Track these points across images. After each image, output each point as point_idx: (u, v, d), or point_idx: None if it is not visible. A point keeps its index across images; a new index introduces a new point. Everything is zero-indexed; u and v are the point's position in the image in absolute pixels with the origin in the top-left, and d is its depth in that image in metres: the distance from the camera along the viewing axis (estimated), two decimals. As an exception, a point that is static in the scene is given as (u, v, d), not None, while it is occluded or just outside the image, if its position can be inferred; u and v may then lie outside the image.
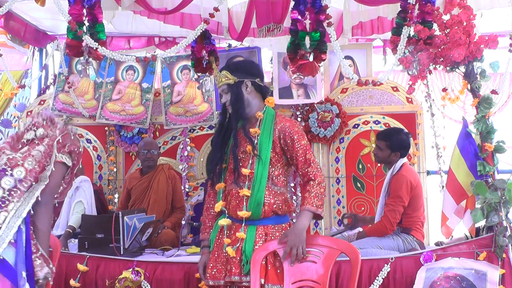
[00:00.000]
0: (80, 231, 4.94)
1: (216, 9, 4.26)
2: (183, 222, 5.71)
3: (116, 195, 6.45)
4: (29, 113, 6.49)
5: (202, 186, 6.17)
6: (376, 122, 6.15)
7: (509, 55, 4.49)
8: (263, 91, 3.65)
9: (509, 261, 4.04)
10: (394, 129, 5.53)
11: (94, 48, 4.28)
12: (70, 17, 4.24)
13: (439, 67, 4.21)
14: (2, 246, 2.83)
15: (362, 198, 6.16)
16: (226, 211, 3.59)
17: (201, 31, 4.29)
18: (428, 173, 6.22)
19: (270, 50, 6.08)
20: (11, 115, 7.36)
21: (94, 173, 6.47)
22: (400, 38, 4.15)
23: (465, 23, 4.02)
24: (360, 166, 6.17)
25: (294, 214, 4.80)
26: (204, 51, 4.60)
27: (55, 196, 3.15)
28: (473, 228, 4.50)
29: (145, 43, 6.77)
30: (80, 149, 3.27)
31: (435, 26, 4.13)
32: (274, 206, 3.52)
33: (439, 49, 4.06)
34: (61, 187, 3.19)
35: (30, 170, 3.03)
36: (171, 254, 4.67)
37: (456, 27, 3.99)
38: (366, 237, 4.61)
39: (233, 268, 3.45)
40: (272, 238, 3.52)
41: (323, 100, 6.17)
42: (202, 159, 6.40)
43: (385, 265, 4.11)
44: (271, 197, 3.52)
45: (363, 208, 6.13)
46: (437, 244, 4.99)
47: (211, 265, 3.55)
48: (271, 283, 3.44)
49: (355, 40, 6.56)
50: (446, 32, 4.06)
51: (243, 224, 3.51)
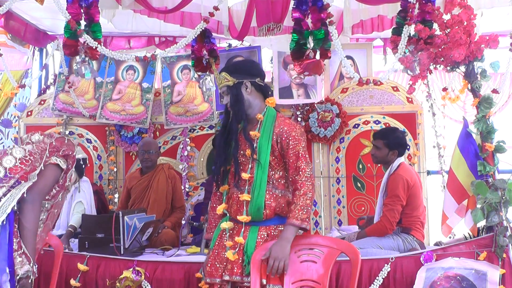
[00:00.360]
0: (81, 231, 4.94)
1: (216, 8, 4.25)
2: (183, 222, 5.70)
3: (117, 195, 6.45)
4: (30, 113, 6.49)
5: (202, 186, 6.17)
6: (377, 122, 6.15)
7: (510, 55, 4.48)
8: (264, 91, 3.61)
9: (510, 261, 4.04)
10: (390, 128, 5.55)
11: (94, 47, 4.28)
12: (70, 16, 4.24)
13: (440, 67, 4.21)
14: None
15: (362, 198, 6.15)
16: (228, 214, 3.58)
17: (201, 30, 4.29)
18: (429, 173, 6.21)
19: (270, 49, 6.07)
20: (12, 115, 7.35)
21: (95, 173, 6.47)
22: (401, 38, 4.16)
23: (466, 23, 4.02)
24: (361, 166, 6.16)
25: None
26: (204, 50, 4.60)
27: (47, 198, 3.15)
28: (475, 228, 4.50)
29: (145, 43, 6.77)
30: (75, 153, 3.28)
31: (436, 26, 4.13)
32: (277, 209, 3.50)
33: (440, 49, 4.06)
34: (54, 190, 3.19)
35: (10, 169, 3.02)
36: (171, 254, 4.67)
37: (457, 27, 3.99)
38: (366, 237, 4.60)
39: (235, 268, 3.44)
40: (275, 238, 3.49)
41: (323, 100, 6.17)
42: (202, 159, 6.40)
43: (385, 265, 4.11)
44: (272, 201, 3.49)
45: (363, 208, 6.13)
46: (437, 244, 4.99)
47: (210, 264, 3.55)
48: (272, 283, 3.44)
49: (355, 40, 6.56)
50: (447, 32, 4.06)
51: (243, 228, 3.50)
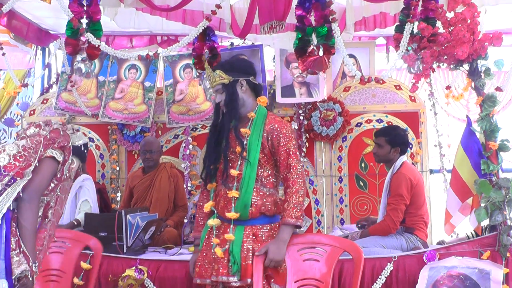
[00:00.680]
0: (83, 229, 4.94)
1: (218, 6, 4.25)
2: (186, 221, 5.70)
3: (119, 194, 6.45)
4: (32, 112, 6.49)
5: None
6: (379, 121, 6.13)
7: (514, 53, 4.48)
8: (257, 90, 3.65)
9: (514, 260, 4.04)
10: (391, 126, 5.56)
11: (97, 46, 4.28)
12: (72, 14, 4.24)
13: (443, 65, 4.20)
14: None
15: (365, 197, 6.14)
16: (216, 211, 3.59)
17: (203, 28, 4.29)
18: (431, 172, 6.20)
19: (273, 48, 6.07)
20: (14, 114, 7.36)
21: (97, 172, 6.46)
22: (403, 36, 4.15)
23: (469, 21, 3.99)
24: (363, 165, 6.15)
25: None
26: (206, 48, 4.60)
27: (45, 193, 3.08)
28: (479, 227, 4.49)
29: (148, 42, 6.77)
30: (68, 145, 3.19)
31: (439, 24, 4.12)
32: (262, 208, 3.51)
33: (443, 47, 4.04)
34: (52, 184, 3.11)
35: (5, 166, 2.97)
36: (174, 253, 4.67)
37: (460, 25, 3.97)
38: (370, 236, 4.60)
39: (221, 268, 3.45)
40: (263, 238, 3.51)
41: (326, 99, 6.15)
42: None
43: (388, 264, 4.10)
44: (259, 199, 3.51)
45: (366, 207, 6.11)
46: (439, 243, 4.97)
47: (199, 264, 3.56)
48: (273, 283, 3.45)
49: (358, 38, 6.55)
50: (450, 30, 4.03)
51: (232, 225, 3.51)
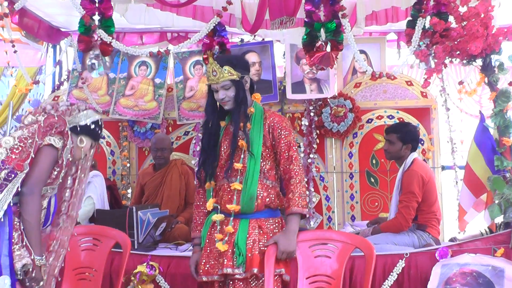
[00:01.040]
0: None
1: (229, 2, 4.25)
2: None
3: (130, 190, 6.46)
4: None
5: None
6: (390, 117, 6.11)
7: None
8: (253, 87, 3.67)
9: (528, 258, 4.00)
10: (402, 122, 5.54)
11: (108, 42, 4.29)
12: (84, 11, 4.25)
13: (456, 61, 4.17)
14: None
15: (376, 193, 6.12)
16: (219, 207, 3.57)
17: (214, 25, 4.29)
18: (443, 168, 6.17)
19: (283, 43, 6.05)
20: (26, 111, 7.38)
21: (108, 168, 6.48)
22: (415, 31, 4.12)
23: (483, 15, 3.95)
24: (374, 161, 6.13)
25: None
26: (216, 45, 4.60)
27: (48, 182, 2.99)
28: (494, 224, 4.46)
29: (158, 39, 6.77)
30: (66, 129, 3.08)
31: (451, 19, 4.08)
32: (267, 200, 3.52)
33: (456, 42, 4.01)
34: (54, 172, 3.02)
35: (3, 161, 2.88)
36: (185, 249, 4.66)
37: (473, 19, 3.93)
38: (381, 233, 4.57)
39: (225, 261, 3.44)
40: (268, 231, 3.51)
41: (336, 95, 6.13)
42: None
43: (400, 261, 4.08)
44: (264, 191, 3.52)
45: (377, 204, 6.10)
46: (451, 240, 4.94)
47: (204, 261, 3.55)
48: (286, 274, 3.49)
49: (369, 34, 6.52)
50: (463, 25, 4.00)
51: (232, 218, 3.51)
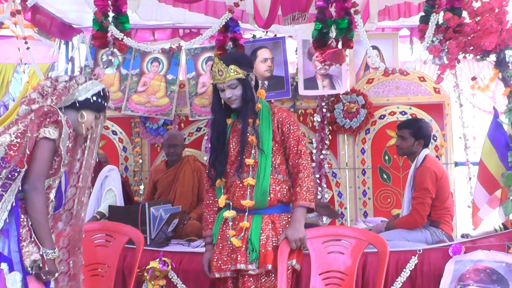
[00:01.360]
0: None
1: (242, -2, 4.25)
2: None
3: (142, 186, 6.48)
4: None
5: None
6: (403, 113, 6.09)
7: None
8: (257, 83, 3.68)
9: (542, 254, 3.97)
10: (414, 118, 5.53)
11: (120, 39, 4.29)
12: (96, 8, 4.26)
13: (469, 56, 4.14)
14: None
15: (388, 190, 6.11)
16: (231, 203, 3.58)
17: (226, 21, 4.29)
18: (456, 164, 6.14)
19: (295, 39, 6.04)
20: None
21: (120, 165, 6.50)
22: (428, 26, 4.09)
23: (497, 10, 3.91)
24: (386, 157, 6.11)
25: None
26: (229, 41, 4.60)
27: (50, 173, 2.90)
28: (509, 220, 4.43)
29: (170, 35, 6.77)
30: (59, 117, 2.92)
31: (465, 14, 4.05)
32: (279, 195, 3.54)
33: (469, 38, 3.98)
34: (55, 163, 2.92)
35: (3, 158, 2.81)
36: (197, 245, 4.67)
37: (487, 15, 3.89)
38: (395, 229, 4.55)
39: (239, 256, 3.45)
40: (280, 227, 3.52)
41: (349, 91, 6.12)
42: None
43: (413, 257, 4.06)
44: (276, 185, 3.53)
45: (389, 200, 6.08)
46: (464, 237, 4.92)
47: (216, 258, 3.56)
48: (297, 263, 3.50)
49: (381, 30, 6.49)
50: (477, 20, 3.96)
51: (246, 214, 3.51)
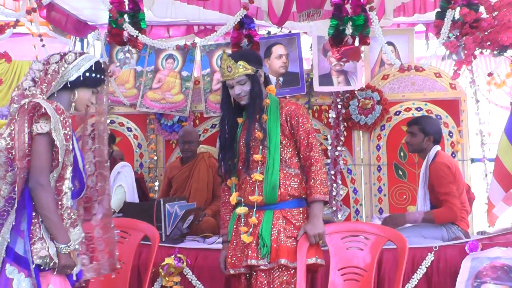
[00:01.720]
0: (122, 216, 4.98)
1: (256, -5, 4.24)
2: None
3: (157, 183, 6.50)
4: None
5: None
6: (418, 109, 6.06)
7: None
8: (267, 80, 3.68)
9: (560, 252, 3.93)
10: (423, 115, 5.50)
11: (135, 36, 4.31)
12: (111, 5, 4.27)
13: (486, 52, 4.11)
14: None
15: (404, 186, 6.08)
16: (243, 200, 3.57)
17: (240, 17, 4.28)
18: (472, 161, 6.10)
19: (310, 35, 6.02)
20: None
21: (135, 161, 6.52)
22: (444, 22, 4.07)
23: (515, 4, 3.90)
24: (402, 154, 6.09)
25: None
26: (244, 38, 4.59)
27: (54, 164, 2.82)
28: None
29: (184, 32, 6.78)
30: (43, 110, 2.79)
31: (482, 9, 4.02)
32: (290, 188, 3.51)
33: (486, 33, 3.95)
34: (56, 154, 2.82)
35: (5, 163, 2.80)
36: (212, 242, 4.67)
37: (505, 9, 3.86)
38: (410, 226, 4.53)
39: (250, 252, 3.45)
40: (293, 221, 3.50)
41: (364, 87, 6.09)
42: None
43: (429, 254, 4.04)
44: (286, 179, 3.51)
45: (405, 196, 6.06)
46: (480, 234, 4.89)
47: (231, 255, 3.56)
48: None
49: (397, 25, 6.46)
50: (494, 15, 3.94)
51: (255, 209, 3.50)
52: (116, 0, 4.25)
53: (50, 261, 2.76)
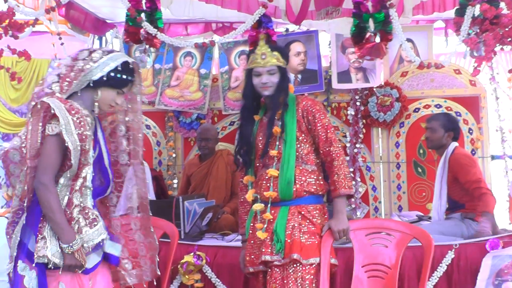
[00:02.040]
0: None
1: (274, -6, 4.23)
2: (242, 208, 5.71)
3: (175, 181, 6.51)
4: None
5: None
6: (438, 106, 6.02)
7: None
8: (288, 79, 3.68)
9: None
10: (442, 112, 5.47)
11: (153, 35, 4.31)
12: (130, 4, 4.28)
13: (506, 48, 4.07)
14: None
15: (423, 184, 6.05)
16: (259, 197, 3.57)
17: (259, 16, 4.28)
18: (493, 158, 6.06)
19: (328, 33, 6.00)
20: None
21: (154, 159, 6.54)
22: (464, 19, 4.03)
23: (537, 0, 3.86)
24: (421, 151, 6.06)
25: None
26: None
27: (67, 164, 2.80)
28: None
29: (203, 29, 6.77)
30: (52, 111, 2.76)
31: (503, 5, 3.98)
32: (306, 185, 3.50)
33: (507, 29, 3.91)
34: (69, 155, 2.80)
35: (20, 161, 2.85)
36: (231, 239, 4.68)
37: (527, 4, 3.84)
38: (429, 223, 4.51)
39: (264, 248, 3.44)
40: (309, 216, 3.47)
41: (383, 84, 6.08)
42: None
43: (449, 252, 4.01)
44: (302, 176, 3.50)
45: (424, 194, 6.03)
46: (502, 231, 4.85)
47: (249, 252, 3.57)
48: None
49: (416, 22, 6.41)
50: (515, 11, 3.91)
51: (269, 205, 3.50)
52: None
53: (49, 261, 2.75)
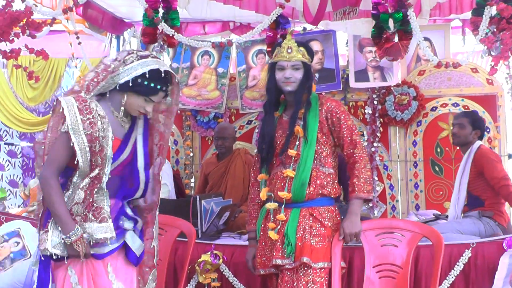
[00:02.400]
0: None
1: (291, -6, 4.24)
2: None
3: (193, 180, 6.54)
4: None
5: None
6: (455, 105, 6.01)
7: None
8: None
9: None
10: (469, 110, 5.46)
11: (171, 35, 4.34)
12: (147, 4, 4.31)
13: (524, 47, 4.05)
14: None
15: (441, 182, 6.04)
16: (272, 195, 3.53)
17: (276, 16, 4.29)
18: (510, 157, 6.04)
19: (345, 33, 6.00)
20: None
21: (171, 158, 6.57)
22: (481, 19, 4.02)
23: (554, -2, 3.85)
24: (438, 150, 6.05)
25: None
26: (280, 39, 4.59)
27: (76, 161, 2.78)
28: None
29: (220, 28, 6.78)
30: (60, 109, 2.79)
31: (519, 4, 3.97)
32: (320, 188, 3.45)
33: (524, 28, 3.91)
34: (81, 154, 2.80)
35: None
36: (248, 238, 4.70)
37: (543, 4, 3.82)
38: (445, 222, 4.50)
39: (274, 251, 3.41)
40: (320, 219, 3.43)
41: (400, 83, 6.07)
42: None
43: (466, 251, 4.00)
44: (318, 178, 3.45)
45: (441, 193, 6.02)
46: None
47: (260, 254, 3.53)
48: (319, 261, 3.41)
49: (433, 21, 6.39)
50: (532, 10, 3.90)
51: (283, 206, 3.46)
52: (152, -1, 4.29)
53: (51, 254, 2.79)
